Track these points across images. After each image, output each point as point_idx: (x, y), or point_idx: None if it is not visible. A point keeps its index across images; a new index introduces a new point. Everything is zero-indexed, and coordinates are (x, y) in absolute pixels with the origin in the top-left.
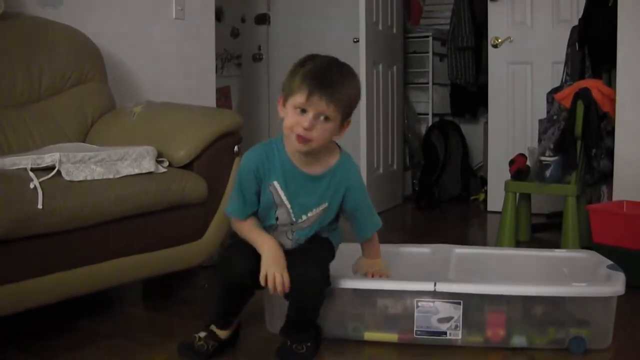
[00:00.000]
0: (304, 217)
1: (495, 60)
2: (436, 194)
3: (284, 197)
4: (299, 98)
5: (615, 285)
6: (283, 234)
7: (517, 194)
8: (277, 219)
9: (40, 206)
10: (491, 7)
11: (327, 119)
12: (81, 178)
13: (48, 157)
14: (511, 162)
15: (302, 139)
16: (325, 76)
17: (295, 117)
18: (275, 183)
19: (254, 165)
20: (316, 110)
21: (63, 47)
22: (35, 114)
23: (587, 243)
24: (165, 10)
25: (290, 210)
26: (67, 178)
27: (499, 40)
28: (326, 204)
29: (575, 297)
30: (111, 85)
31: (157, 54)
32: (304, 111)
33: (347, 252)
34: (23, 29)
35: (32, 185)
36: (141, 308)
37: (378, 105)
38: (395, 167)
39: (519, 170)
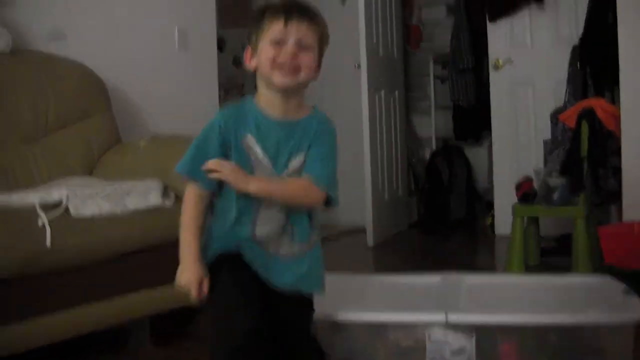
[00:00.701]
0: (285, 172)
1: (497, 82)
2: (442, 219)
3: (259, 151)
4: (275, 29)
5: (632, 311)
6: (273, 205)
7: (525, 218)
8: None
9: (48, 244)
10: (490, 29)
11: (307, 49)
12: (89, 214)
13: (56, 193)
14: (518, 186)
15: (289, 68)
16: (299, 3)
17: (275, 49)
18: (249, 136)
19: (222, 121)
20: (297, 36)
21: (69, 81)
22: (42, 149)
23: (598, 265)
24: (168, 42)
25: (269, 166)
26: (74, 214)
27: (500, 62)
28: (305, 152)
29: (591, 325)
30: (116, 117)
31: (162, 85)
32: (282, 43)
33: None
34: (29, 64)
35: (40, 223)
36: (150, 343)
37: (381, 131)
38: (400, 192)
39: (526, 193)
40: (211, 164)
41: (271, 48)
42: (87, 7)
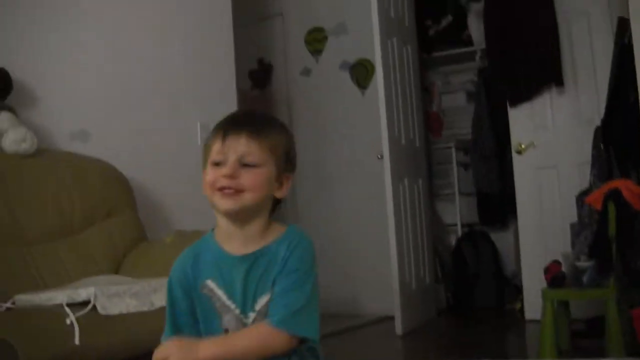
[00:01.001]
0: (251, 315)
1: (520, 166)
2: (471, 305)
3: (223, 296)
4: (214, 149)
5: None
6: None
7: (555, 301)
8: (227, 331)
9: (77, 342)
10: (512, 114)
11: (254, 165)
12: (116, 312)
13: (83, 292)
14: (546, 270)
15: (228, 191)
16: (243, 116)
17: (215, 171)
18: (209, 282)
19: (181, 274)
20: (237, 152)
21: (93, 180)
22: (69, 247)
23: (631, 347)
24: (191, 137)
25: (237, 311)
26: (102, 313)
27: (522, 146)
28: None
29: None
30: (141, 213)
31: (185, 180)
32: (223, 163)
33: None
34: (55, 164)
35: (68, 321)
36: None
37: (406, 220)
38: (427, 280)
39: (555, 277)
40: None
41: (212, 170)
42: (109, 106)
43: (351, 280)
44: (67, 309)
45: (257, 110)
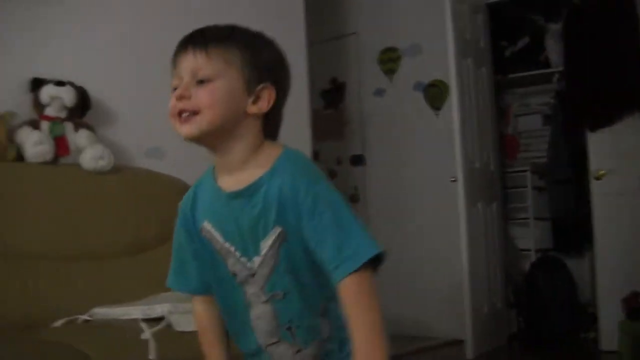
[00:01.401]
0: (257, 259)
1: (598, 192)
2: (543, 332)
3: (220, 238)
4: (174, 75)
5: None
6: (257, 302)
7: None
8: (235, 275)
9: (152, 357)
10: (590, 138)
11: (209, 80)
12: (191, 329)
13: (158, 308)
14: (624, 301)
15: (185, 115)
16: (193, 32)
17: (172, 98)
18: (206, 224)
19: (182, 217)
20: (188, 70)
21: (167, 198)
22: (143, 263)
23: None
24: None
25: (236, 253)
26: (177, 329)
27: (601, 172)
28: (280, 228)
29: None
30: None
31: None
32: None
33: None
34: (130, 181)
35: (143, 336)
36: None
37: (479, 244)
38: (499, 305)
39: (634, 308)
40: None
41: (172, 97)
42: None
43: (422, 302)
44: (143, 324)
45: (217, 24)
